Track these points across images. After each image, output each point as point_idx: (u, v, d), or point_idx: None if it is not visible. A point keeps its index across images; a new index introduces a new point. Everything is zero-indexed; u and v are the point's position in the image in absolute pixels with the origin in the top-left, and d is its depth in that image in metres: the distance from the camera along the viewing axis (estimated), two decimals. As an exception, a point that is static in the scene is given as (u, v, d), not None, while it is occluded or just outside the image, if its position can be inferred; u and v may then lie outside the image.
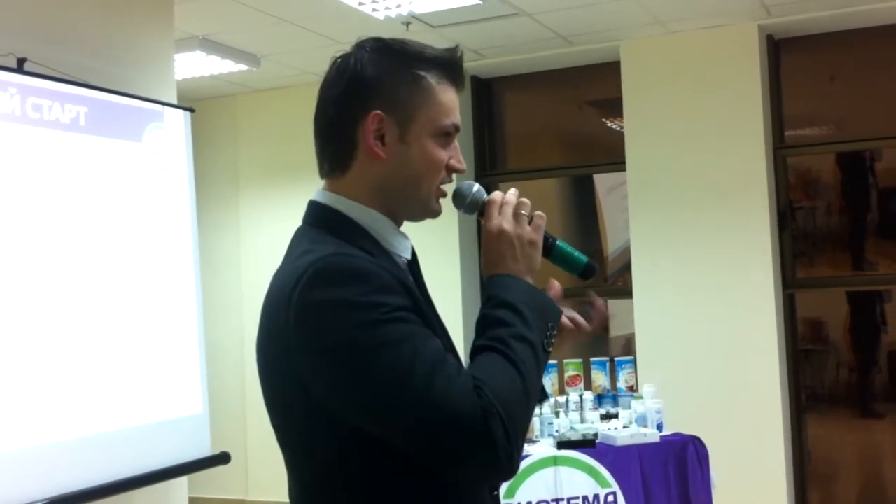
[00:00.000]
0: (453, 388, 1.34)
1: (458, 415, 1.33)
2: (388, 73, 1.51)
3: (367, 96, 1.51)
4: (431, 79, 1.53)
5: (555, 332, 1.50)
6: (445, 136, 1.54)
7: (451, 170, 1.56)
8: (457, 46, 1.57)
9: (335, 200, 1.54)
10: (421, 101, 1.52)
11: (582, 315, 1.70)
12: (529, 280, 1.52)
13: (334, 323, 1.37)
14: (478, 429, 1.33)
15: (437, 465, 1.40)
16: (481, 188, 1.59)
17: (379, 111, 1.50)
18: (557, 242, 1.61)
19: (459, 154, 1.57)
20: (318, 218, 1.55)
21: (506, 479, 1.42)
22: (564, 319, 1.66)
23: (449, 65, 1.56)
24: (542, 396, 1.61)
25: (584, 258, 1.62)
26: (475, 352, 1.44)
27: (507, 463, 1.35)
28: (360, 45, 1.56)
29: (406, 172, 1.52)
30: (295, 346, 1.41)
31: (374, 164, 1.51)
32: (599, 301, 1.74)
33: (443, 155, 1.54)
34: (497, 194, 1.57)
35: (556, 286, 1.66)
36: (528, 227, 1.54)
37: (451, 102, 1.55)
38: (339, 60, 1.56)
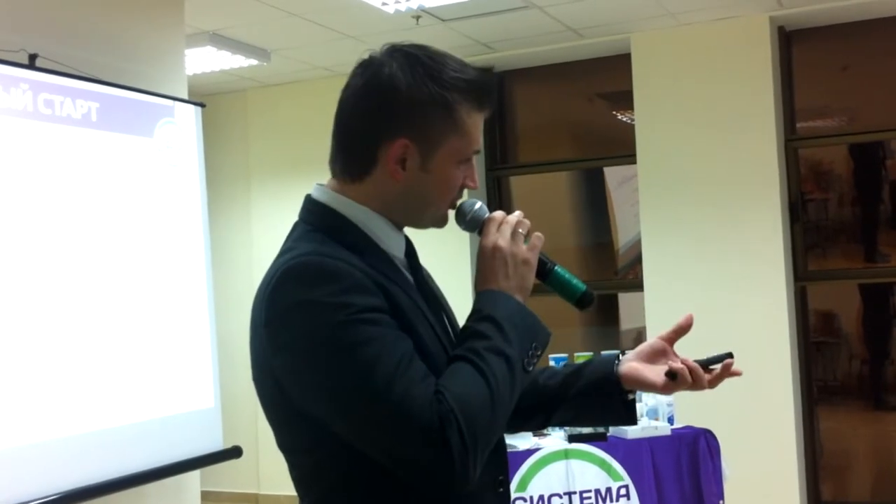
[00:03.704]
0: (413, 392, 1.32)
1: (414, 419, 1.31)
2: (421, 100, 1.47)
3: (396, 121, 1.47)
4: (462, 107, 1.49)
5: (539, 353, 1.47)
6: (467, 160, 1.54)
7: (463, 187, 1.55)
8: (491, 69, 1.56)
9: (331, 198, 1.53)
10: (449, 133, 1.49)
11: (704, 368, 1.64)
12: (520, 298, 1.49)
13: (299, 324, 1.37)
14: (433, 434, 1.31)
15: (395, 470, 1.37)
16: (483, 206, 1.58)
17: (406, 139, 1.47)
18: (556, 268, 1.58)
19: (475, 173, 1.56)
20: (311, 214, 1.54)
21: (459, 488, 1.36)
22: (680, 367, 1.62)
23: (481, 90, 1.52)
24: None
25: (581, 286, 1.58)
26: (449, 362, 1.42)
27: (461, 472, 1.32)
28: (392, 54, 1.50)
29: (421, 196, 1.52)
30: (268, 346, 1.42)
31: (390, 183, 1.50)
32: (730, 361, 1.66)
33: (459, 176, 1.53)
34: (498, 214, 1.55)
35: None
36: (523, 247, 1.52)
37: (478, 130, 1.53)
38: (369, 67, 1.51)
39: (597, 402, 1.70)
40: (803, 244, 5.92)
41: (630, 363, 1.69)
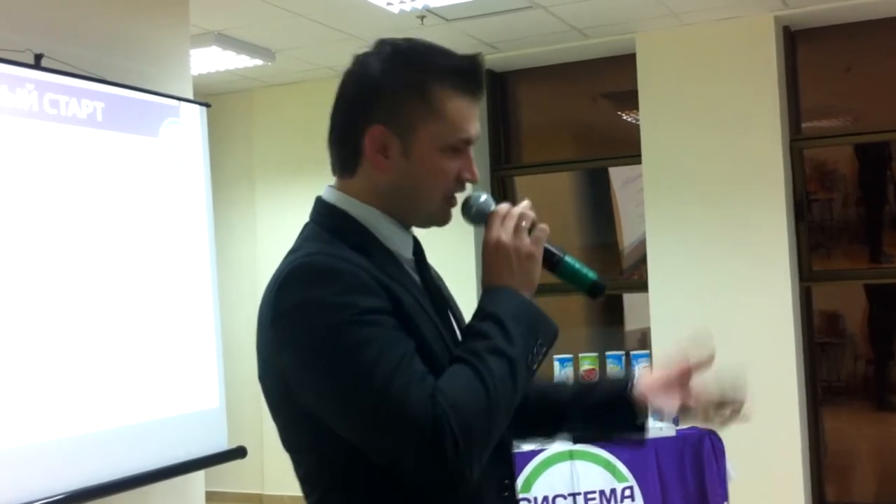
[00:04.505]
0: (408, 394, 1.32)
1: (409, 422, 1.31)
2: (393, 85, 1.48)
3: (370, 108, 1.49)
4: (441, 91, 1.48)
5: (545, 350, 1.46)
6: (455, 149, 1.51)
7: (461, 181, 1.53)
8: (478, 53, 1.53)
9: (339, 198, 1.54)
10: (425, 117, 1.48)
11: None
12: (525, 294, 1.48)
13: (302, 324, 1.38)
14: (425, 437, 1.30)
15: (393, 471, 1.37)
16: (489, 199, 1.56)
17: (381, 125, 1.48)
18: (566, 258, 1.56)
19: (472, 164, 1.54)
20: (320, 214, 1.55)
21: (457, 489, 1.35)
22: (693, 405, 1.67)
23: (465, 74, 1.51)
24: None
25: (592, 275, 1.56)
26: (450, 363, 1.41)
27: (455, 474, 1.32)
28: (380, 47, 1.52)
29: (409, 185, 1.50)
30: (273, 345, 1.43)
31: (378, 174, 1.50)
32: (743, 395, 1.73)
33: (450, 167, 1.51)
34: (503, 206, 1.53)
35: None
36: (526, 240, 1.49)
37: (462, 116, 1.50)
38: (355, 62, 1.53)
39: (607, 421, 1.75)
40: (808, 244, 5.91)
41: (644, 388, 1.69)
